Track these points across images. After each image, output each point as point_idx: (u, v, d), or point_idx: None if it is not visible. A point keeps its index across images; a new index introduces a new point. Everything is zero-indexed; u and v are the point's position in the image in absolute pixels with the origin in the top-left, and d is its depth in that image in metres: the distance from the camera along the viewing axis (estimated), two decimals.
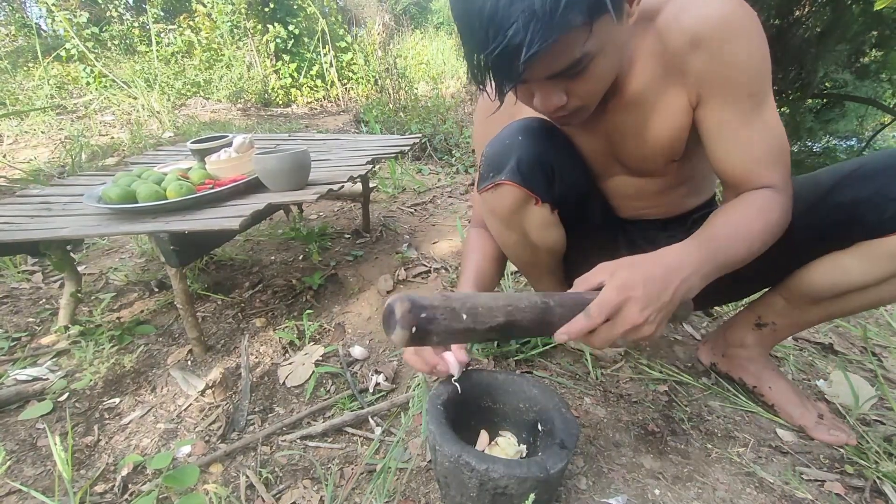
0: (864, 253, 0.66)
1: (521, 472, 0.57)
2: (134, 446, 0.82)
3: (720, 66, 0.61)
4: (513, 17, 0.47)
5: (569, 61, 0.54)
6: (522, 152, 0.73)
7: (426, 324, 0.50)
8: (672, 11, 0.61)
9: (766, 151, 0.64)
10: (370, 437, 0.83)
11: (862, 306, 0.73)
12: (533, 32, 0.47)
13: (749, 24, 0.60)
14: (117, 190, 0.96)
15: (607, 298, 0.55)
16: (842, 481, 0.76)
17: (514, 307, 0.55)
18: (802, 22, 5.78)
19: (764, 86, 0.62)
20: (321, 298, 1.33)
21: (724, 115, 0.64)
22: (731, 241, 0.61)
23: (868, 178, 0.64)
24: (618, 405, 0.92)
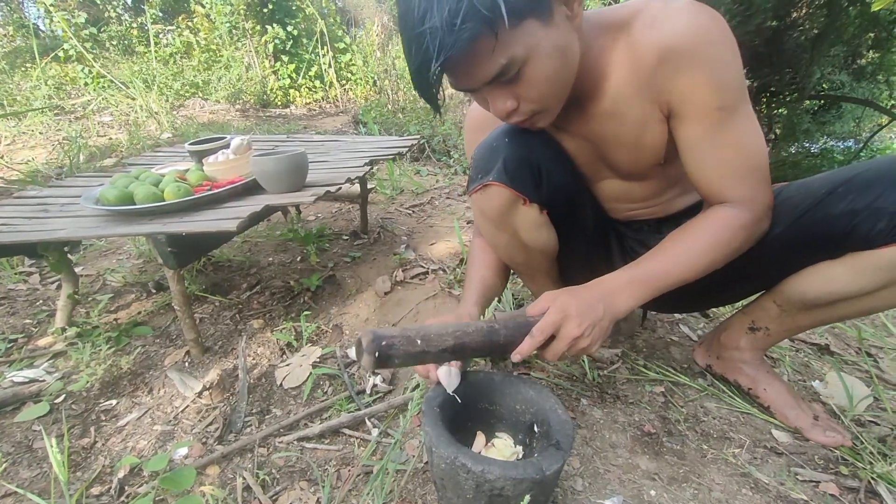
0: (854, 264, 0.67)
1: (517, 474, 0.57)
2: (130, 448, 0.82)
3: (687, 81, 0.61)
4: (425, 36, 0.52)
5: (494, 68, 0.57)
6: (509, 153, 0.74)
7: (387, 349, 0.60)
8: (643, 23, 0.62)
9: (733, 165, 0.66)
10: (367, 438, 0.83)
11: (853, 314, 0.74)
12: (438, 48, 0.52)
13: (718, 39, 0.60)
14: (115, 191, 0.96)
15: (547, 320, 0.64)
16: (836, 482, 0.76)
17: (462, 332, 0.64)
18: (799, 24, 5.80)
19: (735, 98, 0.63)
20: (319, 300, 1.33)
21: (692, 129, 0.65)
22: (669, 264, 0.68)
23: (861, 189, 0.64)
24: (614, 406, 0.92)
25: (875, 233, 0.63)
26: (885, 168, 0.63)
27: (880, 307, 0.70)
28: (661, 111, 0.66)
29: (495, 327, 0.66)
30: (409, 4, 0.53)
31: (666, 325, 1.25)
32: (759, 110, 6.27)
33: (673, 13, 0.60)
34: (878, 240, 0.63)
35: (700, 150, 0.66)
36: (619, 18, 0.64)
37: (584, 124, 0.72)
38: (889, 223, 0.61)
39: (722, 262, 0.68)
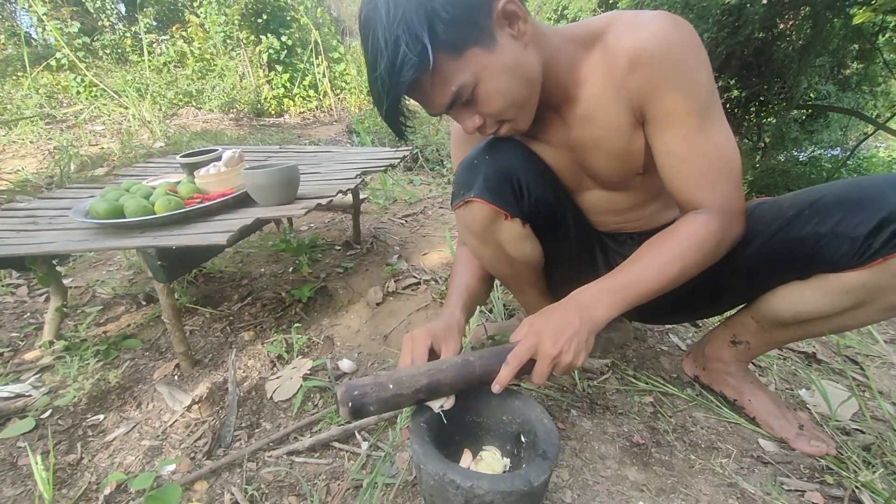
0: (821, 286, 0.68)
1: (506, 487, 0.58)
2: (118, 464, 0.81)
3: (657, 88, 0.63)
4: (376, 81, 0.60)
5: (448, 96, 0.63)
6: (489, 170, 0.76)
7: (360, 398, 0.62)
8: (616, 32, 0.65)
9: (705, 171, 0.67)
10: (357, 451, 0.83)
11: (826, 331, 0.76)
12: (387, 92, 0.60)
13: (686, 45, 0.62)
14: (104, 205, 0.96)
15: (522, 345, 0.66)
16: (821, 491, 0.77)
17: (434, 370, 0.65)
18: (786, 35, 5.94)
19: (706, 105, 0.64)
20: (310, 311, 1.33)
21: (665, 135, 0.67)
22: (641, 272, 0.69)
23: (825, 212, 0.65)
24: (604, 417, 0.93)
25: (839, 257, 0.64)
26: (847, 192, 0.65)
27: (851, 326, 0.72)
28: (636, 116, 0.68)
29: (470, 360, 0.67)
30: (366, 52, 0.61)
31: (656, 335, 1.26)
32: (748, 119, 6.39)
33: (643, 21, 0.63)
34: (842, 264, 0.64)
35: (672, 155, 0.68)
36: (593, 29, 0.68)
37: (563, 132, 0.75)
38: (851, 248, 0.63)
39: (695, 267, 0.69)
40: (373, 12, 0.58)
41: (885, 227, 0.60)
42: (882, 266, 0.61)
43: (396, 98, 0.61)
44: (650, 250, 0.71)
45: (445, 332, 0.74)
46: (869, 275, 0.63)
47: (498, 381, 0.67)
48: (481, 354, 0.68)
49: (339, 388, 0.63)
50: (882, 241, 0.60)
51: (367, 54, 0.61)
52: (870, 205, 0.61)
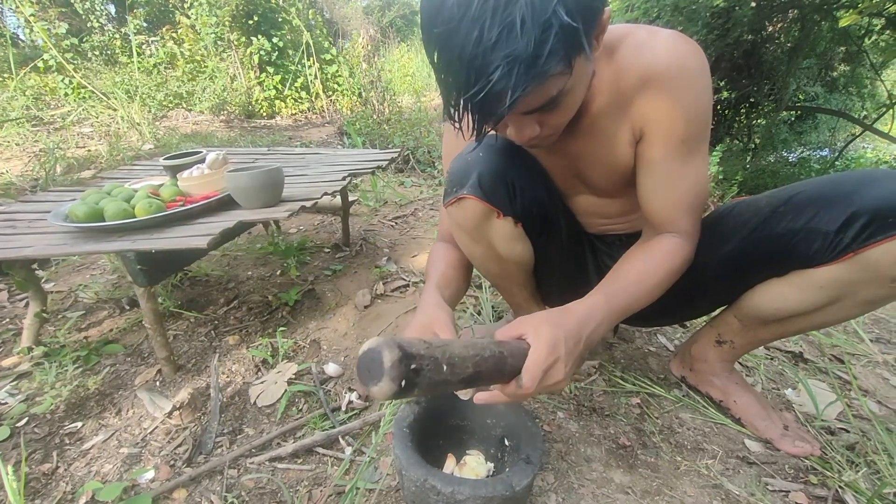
0: (797, 282, 0.69)
1: (487, 492, 0.57)
2: (94, 473, 0.79)
3: (661, 109, 0.63)
4: (495, 62, 0.46)
5: (546, 99, 0.55)
6: (483, 168, 0.75)
7: (414, 376, 0.46)
8: (629, 48, 0.64)
9: (685, 199, 0.69)
10: (341, 457, 0.82)
11: (808, 328, 0.76)
12: (517, 78, 0.47)
13: (698, 73, 0.62)
14: (84, 208, 0.95)
15: (539, 363, 0.57)
16: (805, 491, 0.77)
17: (480, 357, 0.54)
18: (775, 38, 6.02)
19: (699, 135, 0.66)
20: (297, 314, 1.32)
21: (655, 156, 0.67)
22: (635, 294, 0.68)
23: (800, 209, 0.66)
24: (590, 419, 0.93)
25: (812, 252, 0.65)
26: (820, 188, 0.66)
27: (831, 321, 0.73)
28: (634, 134, 0.68)
29: (504, 355, 0.57)
30: (462, 20, 0.46)
31: (644, 336, 1.27)
32: (738, 121, 6.45)
33: (659, 42, 0.62)
34: (816, 259, 0.65)
35: (657, 177, 0.69)
36: (607, 41, 0.64)
37: (563, 141, 0.74)
38: (823, 243, 0.63)
39: (668, 286, 0.71)
40: None
41: (854, 221, 0.60)
42: (853, 260, 0.62)
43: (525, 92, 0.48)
44: (641, 272, 0.70)
45: (436, 323, 0.68)
46: (841, 269, 0.64)
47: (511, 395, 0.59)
48: (510, 352, 0.58)
49: (386, 350, 0.44)
50: (851, 236, 0.61)
51: (464, 22, 0.46)
52: (840, 200, 0.62)
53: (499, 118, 0.52)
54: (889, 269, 0.60)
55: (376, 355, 0.45)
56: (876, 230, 0.59)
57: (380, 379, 0.45)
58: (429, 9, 0.50)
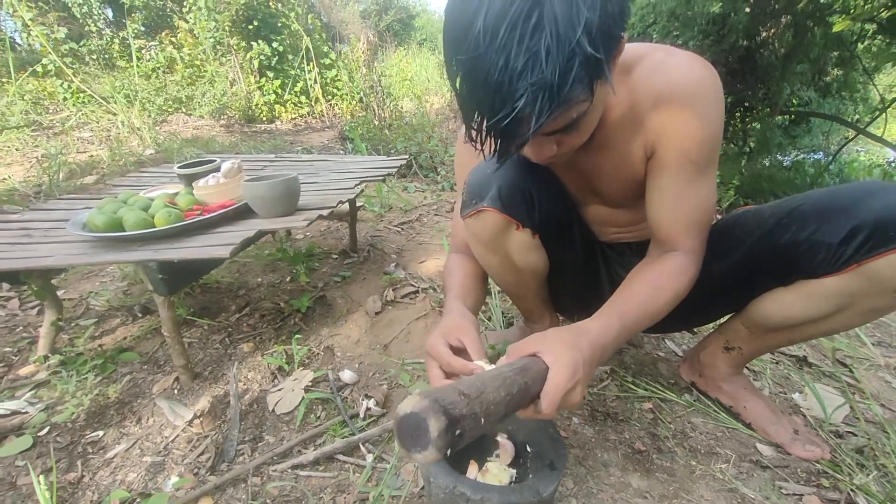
0: (802, 292, 0.72)
1: (516, 499, 0.58)
2: (119, 481, 0.80)
3: (674, 130, 0.65)
4: (521, 90, 0.47)
5: (567, 122, 0.56)
6: (503, 181, 0.76)
7: (458, 441, 0.44)
8: (646, 68, 0.66)
9: (692, 218, 0.71)
10: (362, 464, 0.83)
11: (815, 335, 0.78)
12: (541, 105, 0.48)
13: (712, 95, 0.64)
14: (103, 217, 0.95)
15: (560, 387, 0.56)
16: (818, 494, 0.79)
17: (510, 397, 0.52)
18: (769, 43, 6.09)
19: (709, 157, 0.67)
20: (309, 321, 1.33)
21: (665, 175, 0.69)
22: (645, 314, 0.69)
23: (803, 220, 0.68)
24: (605, 424, 0.94)
25: (816, 263, 0.67)
26: (822, 201, 0.68)
27: (838, 329, 0.75)
28: (646, 152, 0.70)
29: (528, 385, 0.55)
30: (489, 48, 0.47)
31: (653, 342, 1.28)
32: (734, 124, 6.52)
33: (674, 64, 0.64)
34: (820, 270, 0.67)
35: (665, 194, 0.71)
36: (623, 61, 0.66)
37: (578, 155, 0.75)
38: (826, 255, 0.66)
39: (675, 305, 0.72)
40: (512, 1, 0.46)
41: (856, 234, 0.63)
42: (856, 271, 0.64)
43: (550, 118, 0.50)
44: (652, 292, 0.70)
45: (459, 330, 0.69)
46: (845, 280, 0.66)
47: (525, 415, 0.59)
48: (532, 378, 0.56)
49: (432, 418, 0.42)
50: (854, 248, 0.63)
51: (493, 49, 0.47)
52: (842, 214, 0.64)
53: (522, 142, 0.54)
54: (891, 281, 0.63)
55: (421, 422, 0.43)
56: (877, 243, 0.62)
57: (425, 448, 0.43)
58: (453, 35, 0.50)
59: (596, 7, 0.46)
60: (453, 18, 0.50)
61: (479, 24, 0.47)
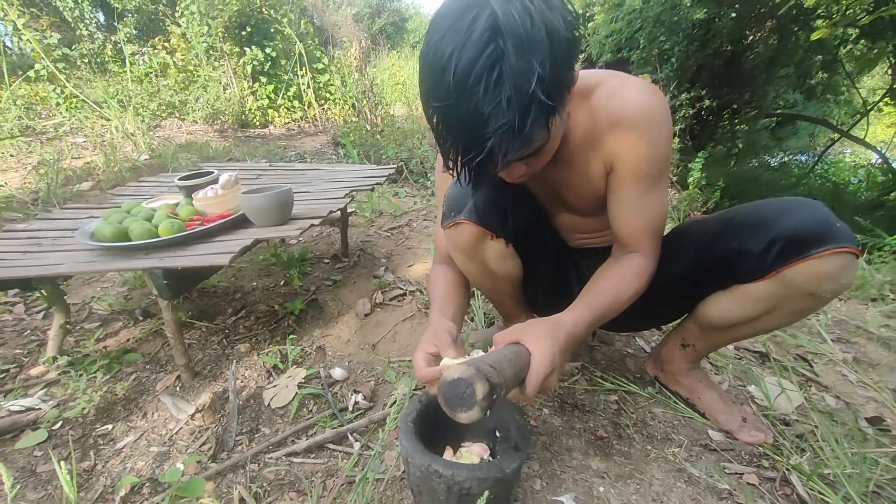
0: (737, 296, 0.82)
1: (482, 474, 0.68)
2: (129, 469, 0.88)
3: (628, 150, 0.75)
4: (489, 133, 0.56)
5: (531, 152, 0.66)
6: (478, 196, 0.86)
7: (493, 404, 0.53)
8: (603, 94, 0.75)
9: (648, 224, 0.81)
10: (350, 451, 0.92)
11: (754, 333, 0.89)
12: (507, 144, 0.57)
13: (661, 119, 0.74)
14: (110, 228, 1.03)
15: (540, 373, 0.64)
16: (758, 473, 0.89)
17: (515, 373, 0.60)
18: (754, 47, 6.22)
19: (661, 170, 0.78)
20: (302, 323, 1.41)
21: (623, 188, 0.79)
22: (610, 307, 0.79)
23: (735, 232, 0.79)
24: (572, 414, 1.04)
25: (745, 270, 0.78)
26: (750, 214, 0.79)
27: (770, 328, 0.86)
28: (605, 168, 0.80)
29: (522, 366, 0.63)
30: (460, 98, 0.55)
31: (623, 339, 1.38)
32: (722, 126, 6.65)
33: (627, 91, 0.74)
34: (749, 276, 0.78)
35: (624, 205, 0.81)
36: (584, 86, 0.76)
37: (546, 170, 0.84)
38: (752, 263, 0.76)
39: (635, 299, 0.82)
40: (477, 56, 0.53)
41: (774, 245, 0.73)
42: (776, 278, 0.75)
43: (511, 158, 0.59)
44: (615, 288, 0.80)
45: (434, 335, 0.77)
46: (768, 285, 0.76)
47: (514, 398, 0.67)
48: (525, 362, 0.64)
49: (479, 382, 0.52)
50: (773, 257, 0.74)
51: (464, 96, 0.55)
52: (764, 227, 0.75)
53: (493, 176, 0.64)
54: (804, 286, 0.73)
55: (468, 386, 0.53)
56: (791, 253, 0.72)
57: (470, 408, 0.53)
58: (428, 83, 0.58)
59: (546, 62, 0.55)
60: (427, 68, 0.59)
61: (450, 76, 0.54)
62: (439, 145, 0.63)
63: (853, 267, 0.73)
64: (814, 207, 0.74)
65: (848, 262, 0.71)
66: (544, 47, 0.54)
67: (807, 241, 0.71)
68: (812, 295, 0.75)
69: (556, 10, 0.56)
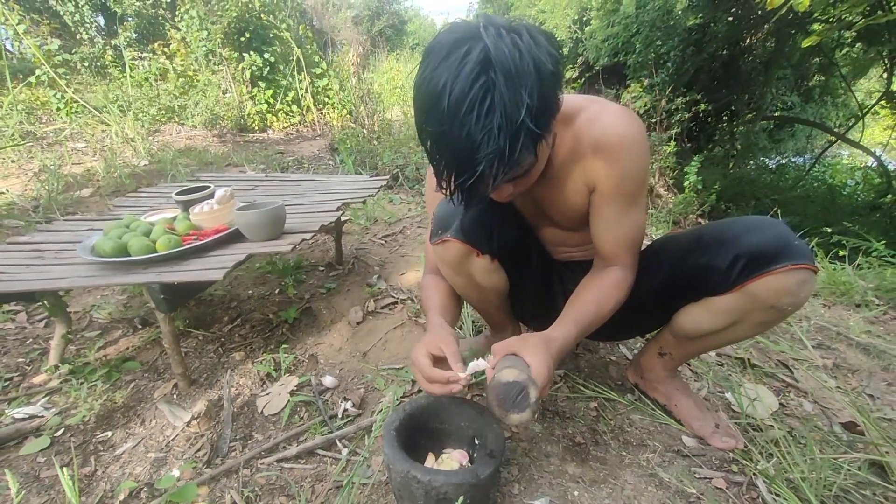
0: (707, 307, 0.87)
1: (457, 479, 0.72)
2: (128, 474, 0.93)
3: (610, 171, 0.80)
4: (481, 158, 0.60)
5: (519, 174, 0.71)
6: (465, 215, 0.90)
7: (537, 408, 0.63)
8: (586, 118, 0.80)
9: (627, 239, 0.87)
10: (338, 457, 0.96)
11: (725, 343, 0.94)
12: (497, 168, 0.61)
13: (639, 143, 0.79)
14: (110, 243, 1.08)
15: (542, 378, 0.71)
16: (726, 478, 0.93)
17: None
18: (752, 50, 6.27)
19: (640, 190, 0.83)
20: (296, 331, 1.46)
21: (604, 205, 0.84)
22: (594, 319, 0.86)
23: (704, 248, 0.84)
24: (553, 421, 1.08)
25: (712, 284, 0.83)
26: (717, 231, 0.84)
27: (739, 338, 0.91)
28: (587, 186, 0.85)
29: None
30: (453, 125, 0.59)
31: (607, 347, 1.43)
32: (721, 128, 6.69)
33: (606, 118, 0.79)
34: (717, 289, 0.83)
35: (605, 221, 0.86)
36: (568, 111, 0.81)
37: (532, 189, 0.88)
38: (718, 277, 0.82)
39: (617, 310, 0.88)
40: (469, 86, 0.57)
41: (738, 261, 0.79)
42: (741, 291, 0.80)
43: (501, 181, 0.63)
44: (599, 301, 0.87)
45: (441, 341, 0.84)
46: (734, 298, 0.82)
47: None
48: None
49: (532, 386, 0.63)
50: (737, 273, 0.79)
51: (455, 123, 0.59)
52: (728, 244, 0.80)
53: (483, 197, 0.70)
54: (766, 299, 0.78)
55: (522, 390, 0.62)
56: (753, 268, 0.77)
57: (523, 410, 0.62)
58: (423, 108, 0.63)
59: (534, 93, 0.60)
60: (421, 96, 0.63)
61: (444, 104, 0.58)
62: (433, 166, 0.68)
63: (811, 282, 0.78)
64: (774, 226, 0.79)
65: (806, 278, 0.76)
66: (532, 79, 0.59)
67: (766, 257, 0.77)
68: (773, 308, 0.80)
69: (542, 47, 0.62)
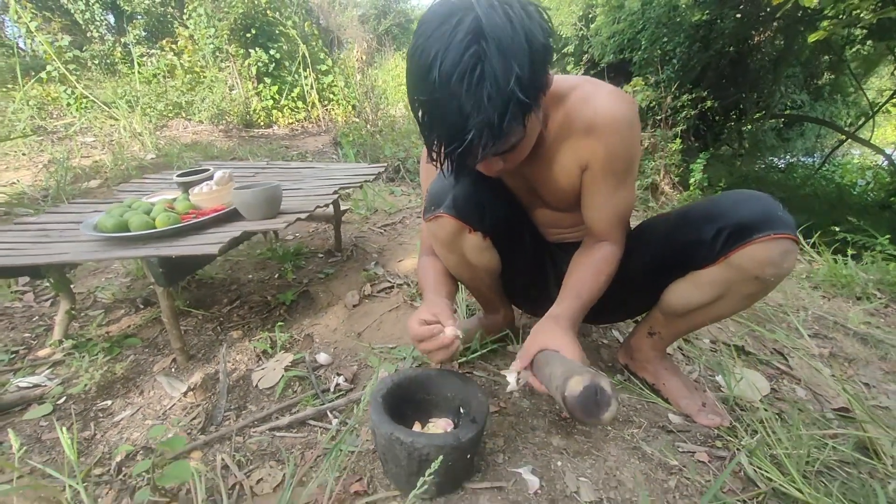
0: (693, 281, 0.89)
1: (439, 441, 0.74)
2: (125, 439, 0.96)
3: (602, 150, 0.82)
4: (470, 127, 0.62)
5: (508, 147, 0.72)
6: (458, 191, 0.92)
7: None
8: (578, 98, 0.82)
9: (617, 216, 0.89)
10: (328, 427, 0.99)
11: (711, 319, 0.95)
12: (486, 138, 0.63)
13: (631, 123, 0.81)
14: (112, 220, 1.11)
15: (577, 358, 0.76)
16: (709, 452, 0.94)
17: None
18: (761, 47, 6.21)
19: (630, 169, 0.85)
20: (293, 312, 1.49)
21: (595, 183, 0.87)
22: (592, 293, 0.89)
23: (691, 223, 0.86)
24: (541, 398, 1.10)
25: (699, 257, 0.85)
26: (704, 207, 0.86)
27: (726, 313, 0.92)
28: (580, 167, 0.87)
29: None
30: (444, 93, 0.60)
31: (599, 330, 1.44)
32: (729, 126, 6.63)
33: (599, 98, 0.80)
34: (702, 262, 0.85)
35: (596, 199, 0.89)
36: (560, 90, 0.82)
37: (524, 166, 0.91)
38: (704, 250, 0.83)
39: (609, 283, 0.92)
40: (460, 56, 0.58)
41: (722, 232, 0.80)
42: (725, 262, 0.81)
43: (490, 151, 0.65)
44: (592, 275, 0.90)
45: (433, 307, 0.88)
46: (720, 270, 0.83)
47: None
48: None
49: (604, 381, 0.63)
50: (721, 243, 0.81)
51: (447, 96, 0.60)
52: (715, 217, 0.82)
53: (472, 166, 0.72)
54: (750, 269, 0.79)
55: (598, 388, 0.62)
56: (736, 238, 0.79)
57: (609, 404, 0.62)
58: (415, 78, 0.64)
59: (525, 64, 0.61)
60: (413, 65, 0.65)
61: (435, 73, 0.60)
62: (424, 136, 0.70)
63: (793, 252, 0.79)
64: (761, 199, 0.81)
65: (788, 248, 0.77)
66: (523, 51, 0.61)
67: (749, 227, 0.78)
68: (758, 279, 0.81)
69: (534, 20, 0.63)
